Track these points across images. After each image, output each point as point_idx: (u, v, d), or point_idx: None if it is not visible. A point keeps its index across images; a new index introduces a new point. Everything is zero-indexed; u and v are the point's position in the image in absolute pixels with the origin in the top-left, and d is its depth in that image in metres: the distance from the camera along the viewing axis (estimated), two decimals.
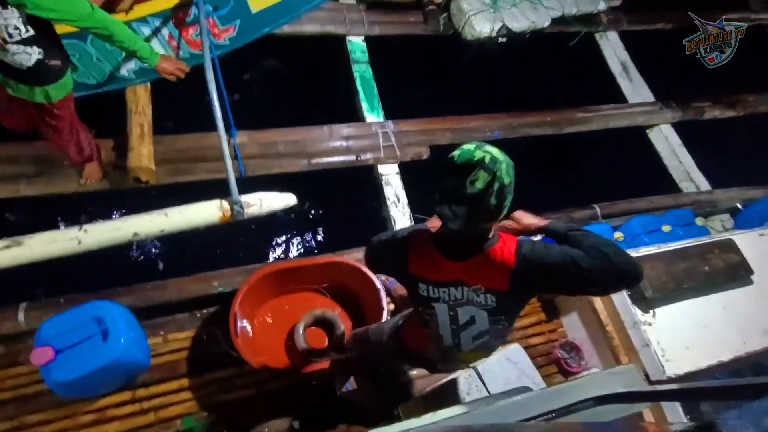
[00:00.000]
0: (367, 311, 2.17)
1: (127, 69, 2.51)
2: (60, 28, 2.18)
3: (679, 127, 3.76)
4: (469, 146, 1.07)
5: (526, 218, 1.34)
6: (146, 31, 2.39)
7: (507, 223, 1.35)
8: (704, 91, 3.95)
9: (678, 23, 4.30)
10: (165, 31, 2.44)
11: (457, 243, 1.18)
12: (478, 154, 1.04)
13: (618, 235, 2.90)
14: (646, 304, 2.13)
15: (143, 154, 2.45)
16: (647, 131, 3.73)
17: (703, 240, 2.36)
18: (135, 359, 1.82)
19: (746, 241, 2.34)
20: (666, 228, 3.00)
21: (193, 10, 2.37)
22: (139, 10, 2.30)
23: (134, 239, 1.95)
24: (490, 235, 1.17)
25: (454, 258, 1.19)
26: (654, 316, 2.14)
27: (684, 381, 1.96)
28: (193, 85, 2.24)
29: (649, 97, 3.83)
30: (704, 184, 3.47)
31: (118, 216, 2.04)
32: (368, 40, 3.40)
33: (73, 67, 2.06)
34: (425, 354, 1.44)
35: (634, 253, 2.27)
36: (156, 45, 2.48)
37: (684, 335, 2.07)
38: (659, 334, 2.06)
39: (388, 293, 2.21)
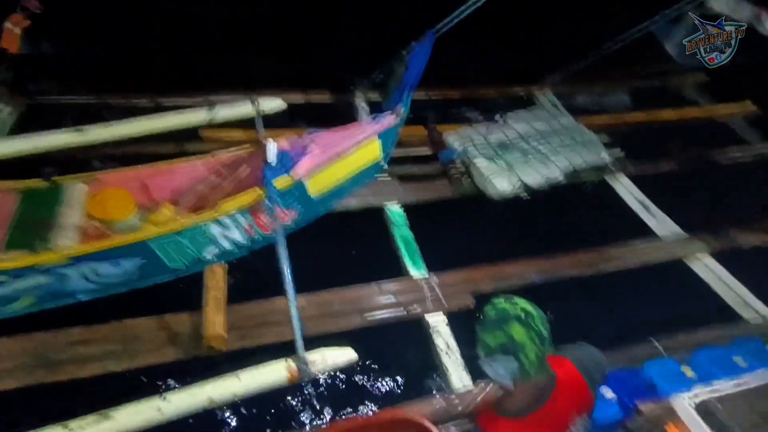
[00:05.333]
0: None
1: (210, 253, 3.00)
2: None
3: (721, 256, 3.80)
4: (500, 300, 1.15)
5: None
6: (228, 222, 2.94)
7: None
8: (733, 219, 4.07)
9: (682, 164, 4.74)
10: (243, 221, 2.97)
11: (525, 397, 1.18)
12: (511, 309, 1.11)
13: (687, 370, 2.75)
14: None
15: (217, 323, 2.74)
16: (686, 262, 3.79)
17: None
18: None
19: None
20: (740, 360, 2.84)
21: (266, 203, 2.93)
22: (225, 207, 2.86)
23: (210, 405, 2.07)
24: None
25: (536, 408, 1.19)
26: None
27: None
28: (257, 260, 2.63)
29: (678, 230, 4.00)
30: (765, 310, 3.34)
31: (192, 383, 2.21)
32: (405, 206, 3.93)
33: None
34: None
35: (708, 388, 2.14)
36: (234, 232, 3.00)
37: None
38: None
39: None
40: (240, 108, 3.97)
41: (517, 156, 4.37)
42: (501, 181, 4.05)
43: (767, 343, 2.99)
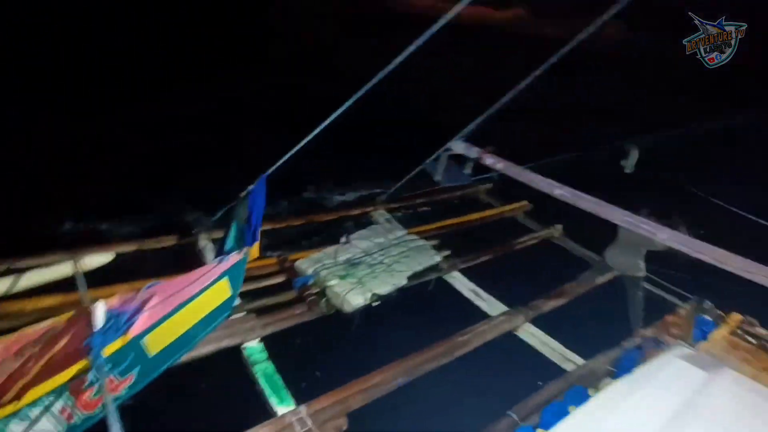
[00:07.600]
0: None
1: None
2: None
3: (537, 322, 4.60)
4: None
5: None
6: (36, 412, 2.37)
7: None
8: (535, 290, 5.06)
9: (493, 253, 5.82)
10: (58, 405, 2.43)
11: None
12: None
13: None
14: None
15: None
16: (515, 333, 4.47)
17: None
18: None
19: None
20: (573, 409, 3.34)
21: (90, 376, 2.49)
22: (33, 394, 2.32)
23: None
24: None
25: None
26: None
27: None
28: None
29: (503, 307, 4.75)
30: (578, 359, 4.08)
31: None
32: (264, 339, 3.80)
33: None
34: None
35: None
36: (44, 423, 2.41)
37: None
38: None
39: None
40: (56, 269, 3.55)
41: (365, 270, 4.79)
42: (355, 296, 4.33)
43: (589, 386, 3.60)
